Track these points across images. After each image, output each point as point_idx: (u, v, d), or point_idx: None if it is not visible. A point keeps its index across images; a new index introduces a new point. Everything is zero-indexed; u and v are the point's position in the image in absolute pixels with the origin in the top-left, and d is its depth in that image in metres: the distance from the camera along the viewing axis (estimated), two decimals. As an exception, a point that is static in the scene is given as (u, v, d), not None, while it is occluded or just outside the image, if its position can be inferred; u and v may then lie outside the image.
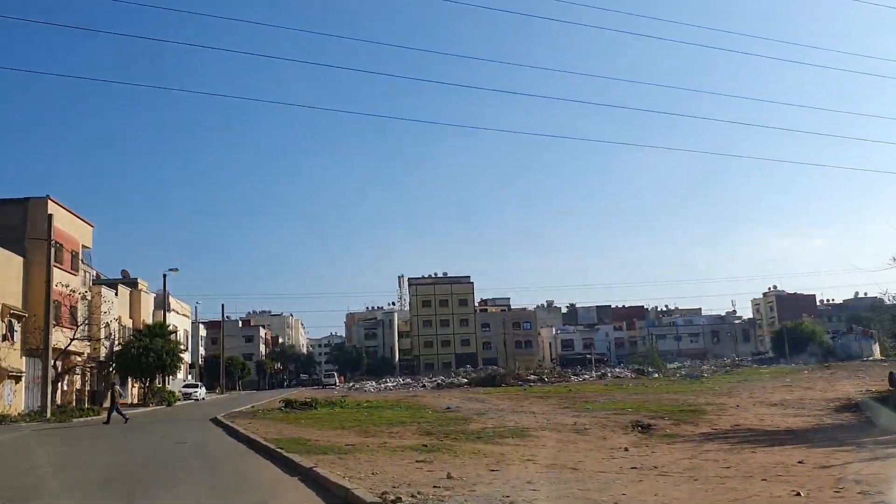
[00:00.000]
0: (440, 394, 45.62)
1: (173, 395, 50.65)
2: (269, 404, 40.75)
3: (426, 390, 53.27)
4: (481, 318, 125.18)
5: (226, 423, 25.27)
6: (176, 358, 49.01)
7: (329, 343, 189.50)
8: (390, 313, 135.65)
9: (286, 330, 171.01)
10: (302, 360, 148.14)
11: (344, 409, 30.96)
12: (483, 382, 53.60)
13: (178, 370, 51.90)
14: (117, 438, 21.00)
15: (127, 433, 23.65)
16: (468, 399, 36.37)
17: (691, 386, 41.98)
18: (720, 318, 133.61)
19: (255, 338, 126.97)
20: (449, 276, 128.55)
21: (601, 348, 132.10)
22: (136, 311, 54.60)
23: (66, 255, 40.96)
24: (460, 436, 17.32)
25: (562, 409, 27.03)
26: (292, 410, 30.96)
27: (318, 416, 26.74)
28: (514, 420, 21.84)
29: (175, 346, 49.55)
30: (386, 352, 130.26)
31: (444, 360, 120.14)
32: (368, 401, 37.04)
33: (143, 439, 20.37)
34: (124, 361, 47.19)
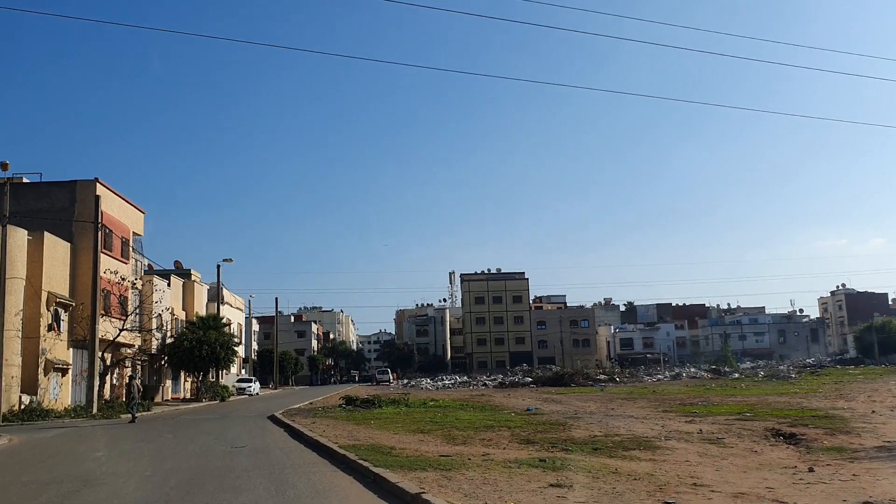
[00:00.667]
0: (508, 393, 42.52)
1: (226, 390, 48.59)
2: (327, 401, 38.21)
3: (489, 389, 50.22)
4: (536, 315, 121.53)
5: (286, 422, 22.64)
6: (230, 351, 46.86)
7: (378, 340, 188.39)
8: (441, 310, 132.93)
9: (336, 326, 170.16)
10: (353, 356, 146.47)
11: (411, 409, 28.13)
12: (551, 382, 50.34)
13: (231, 364, 49.83)
14: (163, 441, 18.43)
15: (176, 433, 21.15)
16: (544, 400, 33.23)
17: (784, 387, 38.12)
18: (786, 316, 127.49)
19: (307, 333, 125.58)
20: (503, 273, 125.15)
21: (662, 347, 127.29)
22: (189, 302, 52.73)
23: (116, 241, 38.98)
24: (571, 446, 14.23)
25: (660, 412, 23.69)
26: (356, 409, 28.27)
27: (386, 417, 23.92)
28: (621, 426, 18.63)
29: (229, 339, 47.42)
30: (438, 349, 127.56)
31: (497, 358, 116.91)
32: (434, 399, 34.13)
33: (194, 442, 17.71)
34: (176, 354, 45.20)
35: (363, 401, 30.84)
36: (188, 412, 34.65)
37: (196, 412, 34.46)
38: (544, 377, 52.84)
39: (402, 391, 49.78)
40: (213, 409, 36.61)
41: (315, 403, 35.80)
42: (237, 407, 38.56)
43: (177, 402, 44.84)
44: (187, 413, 33.58)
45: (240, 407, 38.35)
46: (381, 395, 37.14)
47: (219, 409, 37.44)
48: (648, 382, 51.55)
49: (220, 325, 48.19)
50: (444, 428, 18.83)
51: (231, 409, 35.62)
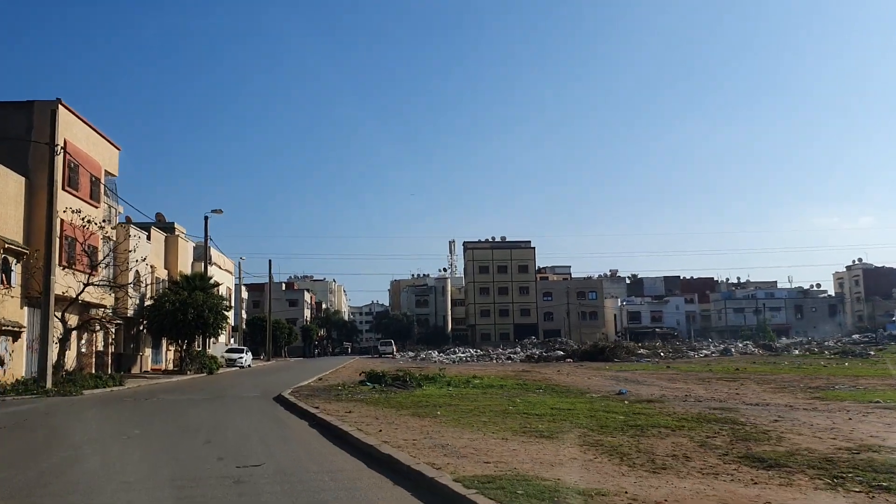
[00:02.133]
0: (557, 369, 35.98)
1: (215, 361, 41.89)
2: (339, 375, 31.62)
3: (517, 363, 43.76)
4: (542, 286, 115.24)
5: (307, 408, 16.02)
6: (219, 316, 40.12)
7: (370, 311, 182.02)
8: (442, 280, 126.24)
9: (328, 296, 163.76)
10: (347, 327, 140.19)
11: (460, 389, 21.55)
12: (588, 356, 43.94)
13: (221, 331, 43.07)
14: (115, 447, 11.20)
15: (147, 426, 14.37)
16: (611, 378, 26.77)
17: (876, 367, 31.74)
18: (802, 291, 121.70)
19: (299, 302, 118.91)
20: (508, 241, 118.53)
21: (670, 322, 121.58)
22: (171, 260, 45.78)
23: (84, 179, 31.96)
24: (816, 468, 7.71)
25: (837, 402, 16.98)
26: (389, 388, 21.66)
27: (440, 402, 17.28)
28: (830, 424, 12.07)
29: (218, 301, 40.67)
30: (438, 320, 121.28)
31: (501, 330, 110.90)
32: (476, 376, 27.49)
33: (170, 450, 10.66)
34: (157, 318, 38.46)
35: (393, 378, 24.24)
36: (169, 388, 27.96)
37: (179, 388, 27.73)
38: (580, 350, 46.24)
39: (415, 365, 43.31)
40: (200, 385, 29.87)
41: (325, 379, 29.18)
42: (230, 382, 31.89)
43: (157, 375, 38.13)
44: (168, 389, 26.88)
45: (233, 382, 31.70)
46: (400, 369, 30.59)
47: (208, 384, 30.73)
48: (696, 358, 45.30)
49: (207, 286, 41.42)
50: (557, 422, 12.35)
51: (223, 386, 28.90)
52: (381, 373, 25.61)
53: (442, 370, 30.27)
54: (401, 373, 25.47)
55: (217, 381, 33.60)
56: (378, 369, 27.22)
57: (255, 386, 27.33)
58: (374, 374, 25.27)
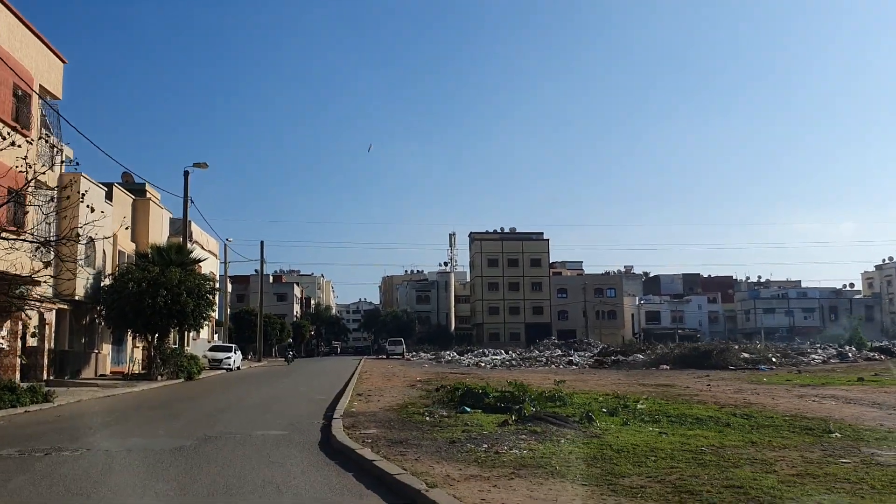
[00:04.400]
0: (668, 377, 25.92)
1: (195, 363, 31.39)
2: (376, 386, 21.35)
3: (601, 371, 33.64)
4: (556, 281, 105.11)
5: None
6: (203, 302, 29.69)
7: (358, 309, 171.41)
8: (445, 274, 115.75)
9: (316, 292, 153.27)
10: (338, 325, 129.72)
11: (673, 427, 11.33)
12: (688, 361, 33.81)
13: (205, 321, 32.38)
14: None
15: None
16: (825, 397, 16.72)
17: None
18: (835, 291, 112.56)
19: (288, 296, 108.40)
20: (518, 232, 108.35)
21: (692, 323, 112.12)
22: (141, 230, 35.24)
23: (3, 91, 21.46)
24: None
25: None
26: (530, 424, 11.28)
27: (710, 466, 7.06)
28: None
29: (202, 282, 30.17)
30: (441, 318, 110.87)
31: (512, 330, 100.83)
32: (622, 397, 17.14)
33: None
34: (117, 303, 27.96)
35: (497, 398, 14.06)
36: (120, 407, 17.53)
37: (138, 406, 17.32)
38: (676, 355, 35.82)
39: (454, 371, 33.26)
40: (173, 401, 19.40)
41: (368, 395, 18.84)
42: (220, 397, 21.38)
43: (116, 381, 27.49)
44: (115, 412, 16.48)
45: (226, 397, 21.21)
46: (463, 383, 20.37)
47: (185, 399, 20.27)
48: (816, 365, 35.40)
49: (187, 261, 30.94)
50: None
51: (211, 405, 18.33)
52: (464, 388, 15.45)
53: (520, 382, 20.00)
54: (505, 391, 15.24)
55: (200, 392, 23.13)
56: (415, 375, 17.05)
57: (264, 406, 16.99)
58: (464, 393, 15.10)
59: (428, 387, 22.19)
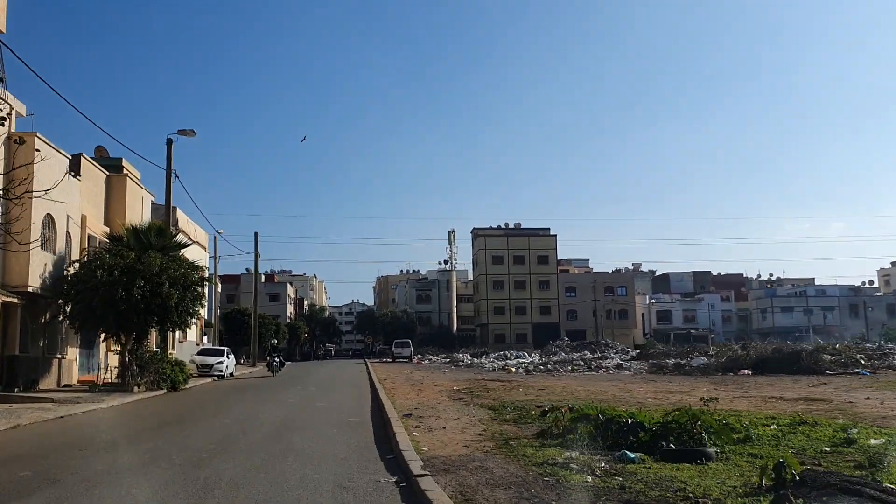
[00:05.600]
0: (792, 387, 20.54)
1: (181, 370, 25.79)
2: (425, 404, 15.84)
3: (660, 377, 28.29)
4: (564, 279, 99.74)
5: None
6: (192, 295, 24.16)
7: (351, 310, 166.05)
8: (446, 273, 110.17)
9: (309, 293, 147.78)
10: (333, 327, 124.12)
11: None
12: (773, 366, 28.32)
13: (193, 319, 26.64)
14: None
15: None
16: None
17: None
18: (853, 289, 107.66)
19: (281, 296, 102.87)
20: (524, 228, 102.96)
21: (704, 322, 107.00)
22: (116, 211, 29.65)
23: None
24: None
25: None
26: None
27: None
28: None
29: (188, 270, 24.57)
30: (443, 319, 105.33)
31: (518, 330, 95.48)
32: (778, 418, 11.81)
33: None
34: (83, 297, 22.39)
35: (659, 430, 8.67)
36: (63, 442, 11.88)
37: (87, 442, 11.68)
38: (754, 358, 30.10)
39: (479, 376, 27.88)
40: (143, 431, 13.64)
41: (417, 414, 13.35)
42: (210, 418, 15.61)
43: (80, 393, 21.82)
44: (56, 450, 10.88)
45: (218, 418, 15.52)
46: (522, 402, 15.00)
47: (162, 424, 14.66)
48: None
49: (170, 245, 25.35)
50: None
51: (198, 437, 12.32)
52: (579, 412, 10.09)
53: (588, 396, 14.62)
54: (662, 421, 9.80)
55: (185, 410, 17.56)
56: (471, 387, 11.60)
57: (277, 437, 11.41)
58: (579, 417, 9.70)
59: (481, 400, 16.81)
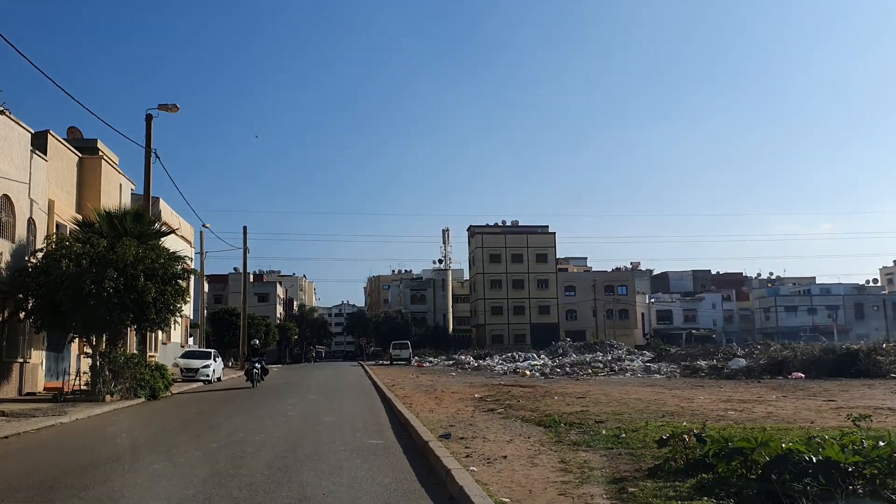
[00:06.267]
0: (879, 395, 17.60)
1: (162, 375, 22.61)
2: (457, 417, 12.60)
3: (673, 380, 25.27)
4: (563, 278, 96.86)
5: None
6: (173, 290, 20.96)
7: (340, 312, 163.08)
8: (442, 272, 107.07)
9: (299, 294, 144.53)
10: (325, 328, 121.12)
11: None
12: (827, 368, 25.38)
13: (176, 316, 23.27)
14: None
15: None
16: None
17: None
18: (857, 287, 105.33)
19: (270, 297, 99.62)
20: (522, 226, 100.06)
21: (705, 322, 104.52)
22: (89, 196, 26.39)
23: None
24: None
25: None
26: None
27: None
28: None
29: (170, 261, 21.35)
30: (438, 319, 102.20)
31: (517, 331, 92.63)
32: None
33: None
34: (46, 290, 19.15)
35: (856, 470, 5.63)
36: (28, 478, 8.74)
37: (17, 481, 8.55)
38: (804, 360, 26.85)
39: (514, 383, 24.80)
40: (101, 463, 10.37)
41: (455, 434, 10.23)
42: (190, 442, 12.04)
43: (41, 402, 18.56)
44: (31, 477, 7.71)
45: (202, 439, 12.14)
46: (566, 413, 12.16)
47: (131, 448, 11.38)
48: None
49: (149, 232, 22.13)
50: None
51: (176, 478, 9.22)
52: (710, 441, 7.01)
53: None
54: (876, 460, 6.72)
55: (162, 428, 14.33)
56: (494, 394, 8.67)
57: (284, 471, 8.23)
58: (718, 451, 6.60)
59: (518, 412, 13.76)
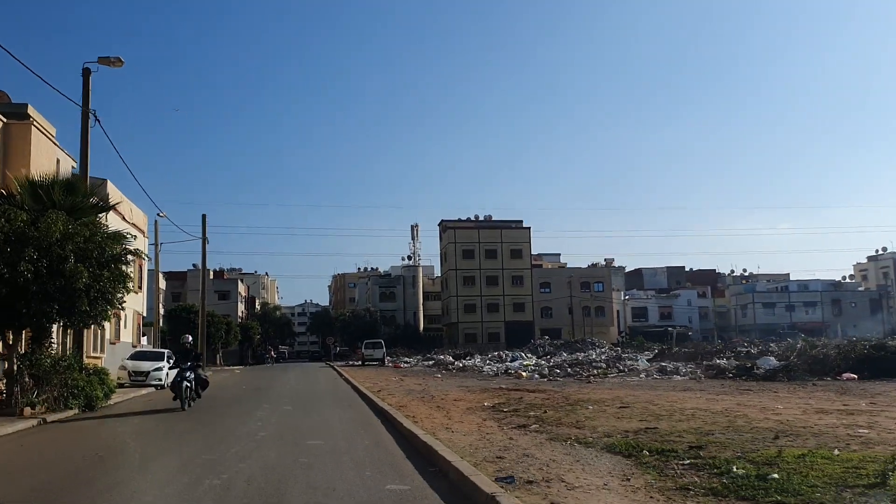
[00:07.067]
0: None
1: (103, 380, 18.50)
2: (481, 434, 8.62)
3: (701, 382, 21.85)
4: (538, 275, 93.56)
5: None
6: (114, 276, 16.84)
7: (304, 311, 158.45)
8: (412, 269, 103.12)
9: (260, 292, 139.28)
10: (289, 327, 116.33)
11: None
12: (881, 368, 22.09)
13: (114, 308, 18.84)
14: None
15: None
16: None
17: None
18: (833, 284, 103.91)
19: (231, 294, 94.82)
20: (496, 220, 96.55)
21: (681, 319, 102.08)
22: (15, 167, 21.95)
23: None
24: None
25: None
26: None
27: None
28: None
29: (108, 240, 17.20)
30: (409, 317, 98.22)
31: (490, 329, 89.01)
32: None
33: None
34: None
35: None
36: None
37: None
38: (853, 358, 23.38)
39: (518, 387, 21.22)
40: None
41: (498, 467, 6.47)
42: (120, 488, 8.52)
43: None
44: None
45: (138, 481, 8.44)
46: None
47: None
48: None
49: (83, 205, 17.91)
50: None
51: None
52: None
53: None
54: None
55: (85, 464, 10.35)
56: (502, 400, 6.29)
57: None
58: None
59: (561, 429, 10.10)
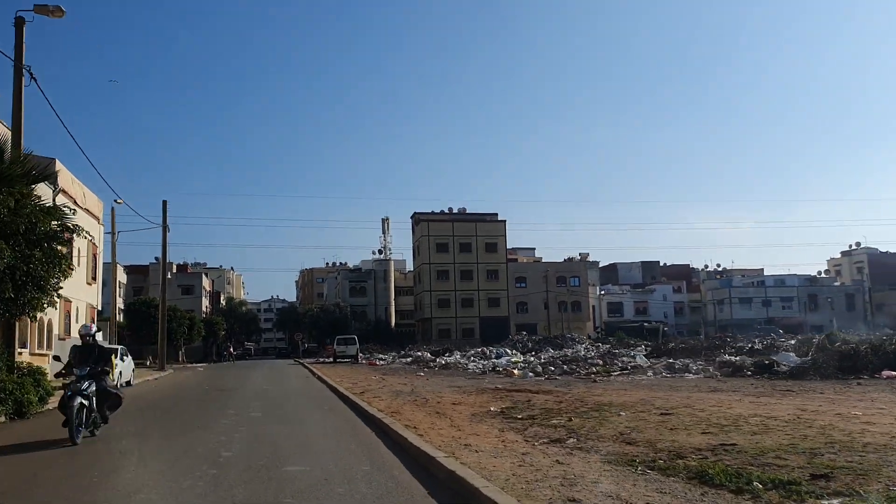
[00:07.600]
0: None
1: (39, 382, 15.53)
2: (514, 460, 5.97)
3: (723, 382, 19.55)
4: (514, 269, 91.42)
5: None
6: (47, 257, 13.89)
7: (270, 307, 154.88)
8: (384, 263, 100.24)
9: (226, 287, 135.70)
10: (256, 323, 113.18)
11: None
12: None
13: (49, 295, 15.71)
14: None
15: None
16: None
17: None
18: (808, 279, 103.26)
19: (195, 289, 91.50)
20: (470, 213, 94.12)
21: (656, 314, 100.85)
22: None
23: None
24: None
25: None
26: None
27: None
28: None
29: (41, 213, 14.25)
30: (380, 313, 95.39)
31: (465, 325, 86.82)
32: None
33: None
34: None
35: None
36: None
37: None
38: (883, 353, 21.13)
39: (491, 385, 18.83)
40: None
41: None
42: None
43: None
44: None
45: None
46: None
47: None
48: None
49: (9, 174, 14.79)
50: None
51: None
52: None
53: None
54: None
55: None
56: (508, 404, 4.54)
57: None
58: None
59: (600, 443, 7.66)
